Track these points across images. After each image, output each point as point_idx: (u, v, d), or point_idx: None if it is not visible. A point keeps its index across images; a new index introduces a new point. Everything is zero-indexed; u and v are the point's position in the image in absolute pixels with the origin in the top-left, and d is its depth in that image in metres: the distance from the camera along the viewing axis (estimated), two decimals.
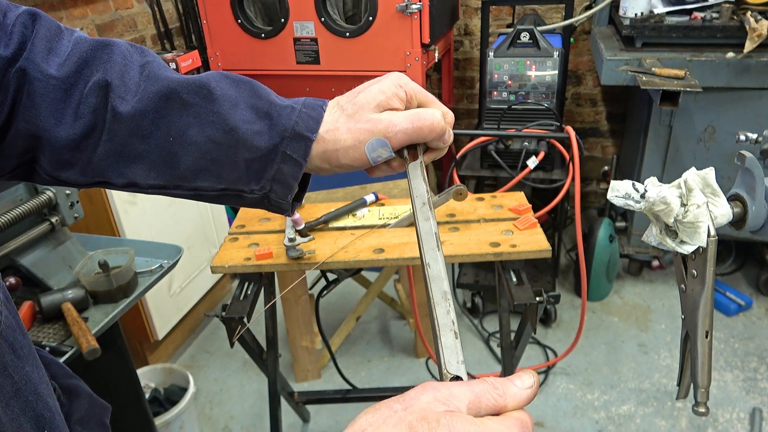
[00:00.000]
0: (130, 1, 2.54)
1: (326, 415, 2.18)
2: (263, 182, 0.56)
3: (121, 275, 1.26)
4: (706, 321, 0.57)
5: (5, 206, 1.22)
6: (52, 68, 0.53)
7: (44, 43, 0.53)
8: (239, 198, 0.57)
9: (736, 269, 2.83)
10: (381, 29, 2.36)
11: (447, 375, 0.41)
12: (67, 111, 0.53)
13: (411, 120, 0.56)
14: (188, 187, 0.56)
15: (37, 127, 0.52)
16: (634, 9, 2.27)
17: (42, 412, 0.49)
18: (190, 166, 0.55)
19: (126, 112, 0.53)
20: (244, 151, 0.54)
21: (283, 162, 0.55)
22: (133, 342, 2.27)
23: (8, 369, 0.46)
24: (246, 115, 0.54)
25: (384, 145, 0.56)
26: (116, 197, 1.95)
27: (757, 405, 2.10)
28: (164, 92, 0.54)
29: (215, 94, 0.54)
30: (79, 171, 0.55)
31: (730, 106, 2.24)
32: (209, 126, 0.54)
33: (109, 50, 0.55)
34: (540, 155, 2.24)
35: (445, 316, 0.43)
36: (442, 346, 0.42)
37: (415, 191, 0.54)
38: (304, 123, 0.55)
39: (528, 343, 1.89)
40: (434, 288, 0.45)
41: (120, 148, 0.54)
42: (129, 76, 0.54)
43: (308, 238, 1.39)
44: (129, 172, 0.55)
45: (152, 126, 0.54)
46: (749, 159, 0.59)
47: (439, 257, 0.48)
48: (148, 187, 0.57)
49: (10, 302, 0.50)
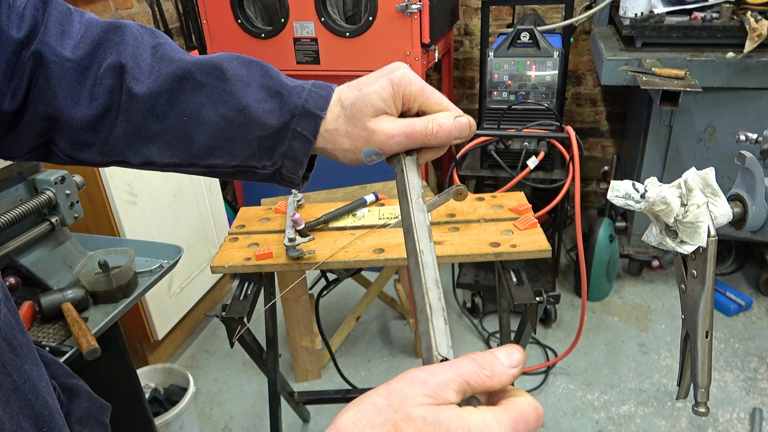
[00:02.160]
0: (130, 1, 2.54)
1: (326, 415, 2.17)
2: (275, 158, 0.57)
3: (121, 275, 1.26)
4: (706, 321, 0.57)
5: (5, 206, 1.21)
6: (66, 51, 0.54)
7: (57, 25, 0.55)
8: (252, 174, 0.59)
9: (736, 269, 2.83)
10: (381, 29, 2.36)
11: (437, 357, 0.41)
12: (83, 92, 0.54)
13: (405, 133, 0.56)
14: (203, 165, 0.58)
15: (54, 108, 0.54)
16: (634, 9, 2.27)
17: (41, 411, 0.49)
18: (205, 144, 0.56)
19: (141, 93, 0.54)
20: (256, 129, 0.56)
21: (293, 138, 0.56)
22: (133, 342, 2.27)
23: (7, 367, 0.46)
24: (257, 95, 0.56)
25: (378, 153, 0.58)
26: (116, 197, 1.95)
27: (758, 405, 2.10)
28: (178, 73, 0.55)
29: (227, 74, 0.56)
30: (97, 151, 0.57)
31: (730, 106, 2.24)
32: (222, 105, 0.55)
33: (121, 32, 0.56)
34: (540, 155, 2.24)
35: (437, 302, 0.45)
36: (434, 329, 0.43)
37: (411, 183, 0.56)
38: (314, 101, 0.56)
39: (528, 343, 1.89)
40: (427, 275, 0.47)
41: (136, 128, 0.56)
42: (142, 57, 0.56)
43: (308, 238, 1.39)
44: (146, 151, 0.57)
45: (167, 106, 0.55)
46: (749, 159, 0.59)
47: (431, 247, 0.50)
48: (164, 165, 0.58)
49: (9, 301, 0.50)
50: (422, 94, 0.58)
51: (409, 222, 0.52)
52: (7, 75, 0.53)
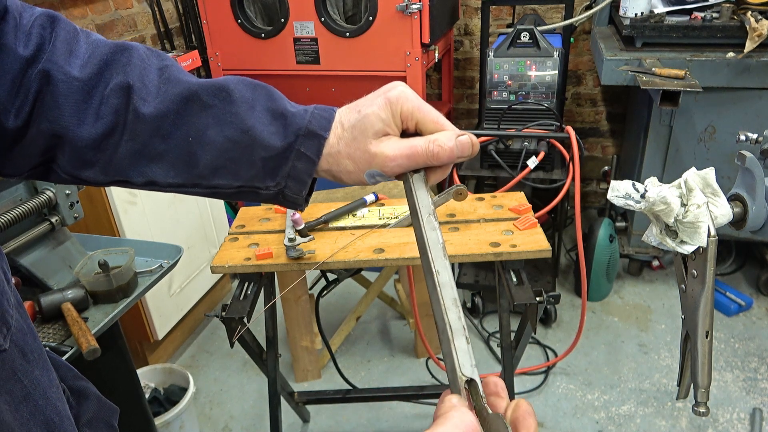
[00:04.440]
0: (130, 1, 2.54)
1: (326, 415, 2.18)
2: (279, 179, 0.57)
3: (121, 275, 1.26)
4: (707, 321, 0.57)
5: (5, 206, 1.21)
6: (74, 70, 0.54)
7: (65, 45, 0.55)
8: (255, 194, 0.59)
9: (736, 269, 2.83)
10: (381, 29, 2.36)
11: (462, 378, 0.41)
12: (89, 111, 0.54)
13: (406, 155, 0.56)
14: (206, 185, 0.58)
15: (60, 126, 0.54)
16: (634, 9, 2.27)
17: (51, 417, 0.49)
18: (209, 165, 0.57)
19: (148, 113, 0.55)
20: (260, 150, 0.56)
21: (297, 159, 0.56)
22: (133, 342, 2.27)
23: (18, 374, 0.46)
24: (262, 117, 0.56)
25: (381, 174, 0.58)
26: (116, 197, 1.95)
27: (758, 405, 2.10)
28: (185, 94, 0.56)
29: (233, 96, 0.56)
30: (100, 170, 0.57)
31: (730, 106, 2.24)
32: (227, 126, 0.56)
33: (129, 54, 0.57)
34: (540, 155, 2.24)
35: (458, 321, 0.45)
36: (456, 350, 0.43)
37: (420, 201, 0.55)
38: (317, 122, 0.57)
39: (528, 343, 1.89)
40: (445, 294, 0.47)
41: (141, 147, 0.56)
42: (149, 79, 0.56)
43: (308, 238, 1.39)
44: (149, 171, 0.57)
45: (173, 126, 0.55)
46: (749, 159, 0.59)
47: (447, 265, 0.49)
48: (167, 185, 0.58)
49: (21, 306, 0.50)
50: (419, 111, 0.57)
51: (423, 242, 0.52)
52: (12, 92, 0.53)
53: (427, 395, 1.99)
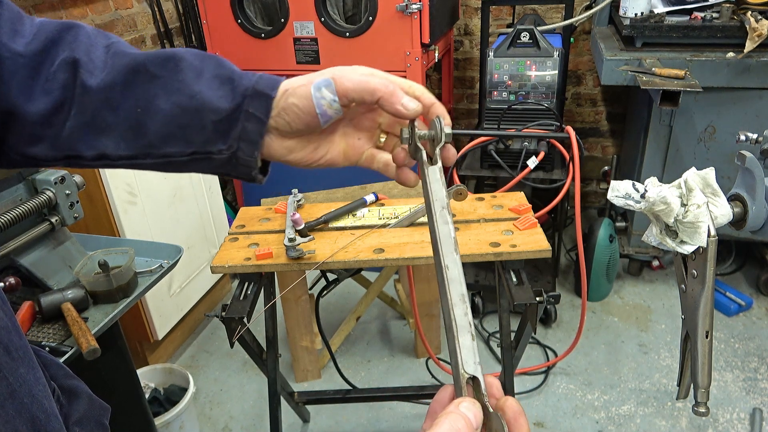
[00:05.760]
0: (130, 1, 2.54)
1: (326, 415, 2.18)
2: (230, 141, 0.58)
3: (121, 275, 1.26)
4: (707, 321, 0.57)
5: (5, 206, 1.21)
6: (19, 47, 0.55)
7: (9, 24, 0.56)
8: (208, 161, 0.59)
9: (736, 269, 2.83)
10: (381, 29, 2.36)
11: (464, 375, 0.41)
12: (36, 87, 0.55)
13: (361, 73, 0.58)
14: (158, 155, 0.58)
15: (8, 103, 0.54)
16: (634, 9, 2.27)
17: (37, 414, 0.49)
18: (159, 133, 0.57)
19: (95, 85, 0.55)
20: (209, 113, 0.57)
21: (246, 120, 0.57)
22: (133, 342, 2.27)
23: (3, 371, 0.46)
24: (210, 82, 0.57)
25: (328, 84, 0.57)
26: (116, 197, 1.95)
27: (758, 405, 2.10)
28: (132, 65, 0.56)
29: (181, 65, 0.57)
30: (49, 145, 0.57)
31: (730, 106, 2.24)
32: (175, 94, 0.56)
33: (75, 31, 0.58)
34: (540, 155, 2.24)
35: (463, 318, 0.44)
36: (460, 347, 0.43)
37: (434, 194, 0.55)
38: (264, 83, 0.58)
39: (528, 343, 1.89)
40: (452, 290, 0.46)
41: (90, 119, 0.56)
42: (95, 54, 0.57)
43: (308, 238, 1.39)
44: (99, 144, 0.57)
45: (120, 97, 0.56)
46: (749, 159, 0.59)
47: (457, 260, 0.48)
48: (118, 158, 0.58)
49: (5, 303, 0.50)
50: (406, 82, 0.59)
51: (434, 235, 0.51)
52: None
53: (427, 395, 1.99)
